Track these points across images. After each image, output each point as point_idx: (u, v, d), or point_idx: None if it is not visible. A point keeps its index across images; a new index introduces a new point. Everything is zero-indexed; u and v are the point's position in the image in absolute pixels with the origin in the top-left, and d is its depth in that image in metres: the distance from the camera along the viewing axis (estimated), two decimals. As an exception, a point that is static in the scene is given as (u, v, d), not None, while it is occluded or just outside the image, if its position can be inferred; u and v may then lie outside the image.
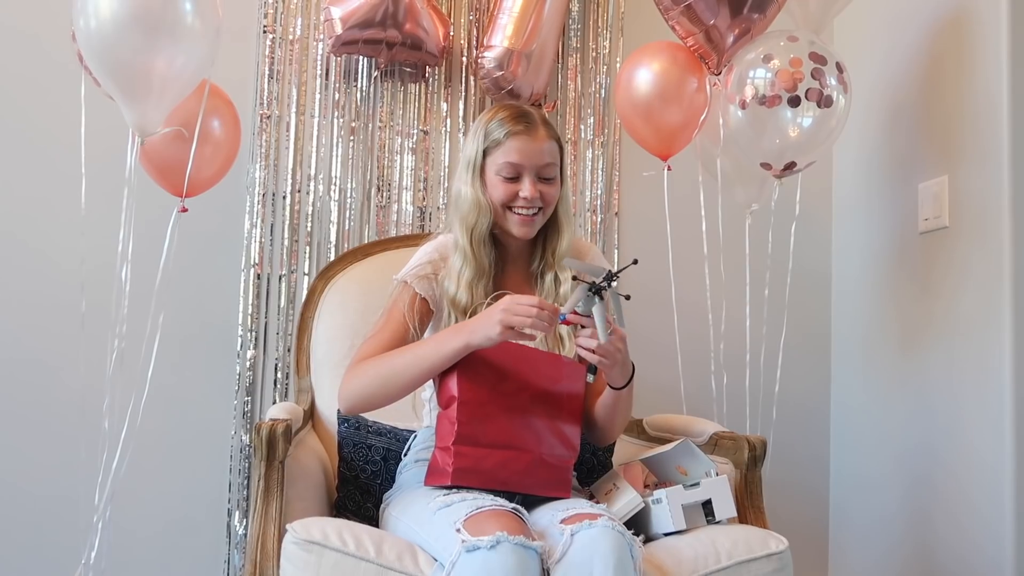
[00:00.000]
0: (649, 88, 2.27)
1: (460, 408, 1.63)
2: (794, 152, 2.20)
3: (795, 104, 2.13)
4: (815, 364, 2.74)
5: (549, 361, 1.73)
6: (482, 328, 1.61)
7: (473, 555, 1.42)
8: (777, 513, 2.02)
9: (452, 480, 1.61)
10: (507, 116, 1.82)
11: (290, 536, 1.55)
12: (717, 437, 1.94)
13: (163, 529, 2.42)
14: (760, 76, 2.16)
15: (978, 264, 2.17)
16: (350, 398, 1.74)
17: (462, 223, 1.82)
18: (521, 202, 1.80)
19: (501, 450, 1.63)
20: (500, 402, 1.65)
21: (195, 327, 2.46)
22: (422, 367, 1.67)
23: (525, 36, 2.46)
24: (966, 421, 2.19)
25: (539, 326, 1.58)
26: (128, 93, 1.94)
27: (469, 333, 1.63)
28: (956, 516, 2.22)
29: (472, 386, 1.64)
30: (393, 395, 1.72)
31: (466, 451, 1.62)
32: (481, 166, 1.82)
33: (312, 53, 2.54)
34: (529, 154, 1.79)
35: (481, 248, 1.81)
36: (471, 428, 1.62)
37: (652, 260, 2.62)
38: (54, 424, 2.37)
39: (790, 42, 2.18)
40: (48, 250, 2.42)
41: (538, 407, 1.67)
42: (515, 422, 1.65)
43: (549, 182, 1.82)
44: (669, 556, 1.60)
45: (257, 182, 2.49)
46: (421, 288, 1.82)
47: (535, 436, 1.66)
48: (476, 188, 1.81)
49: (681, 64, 2.27)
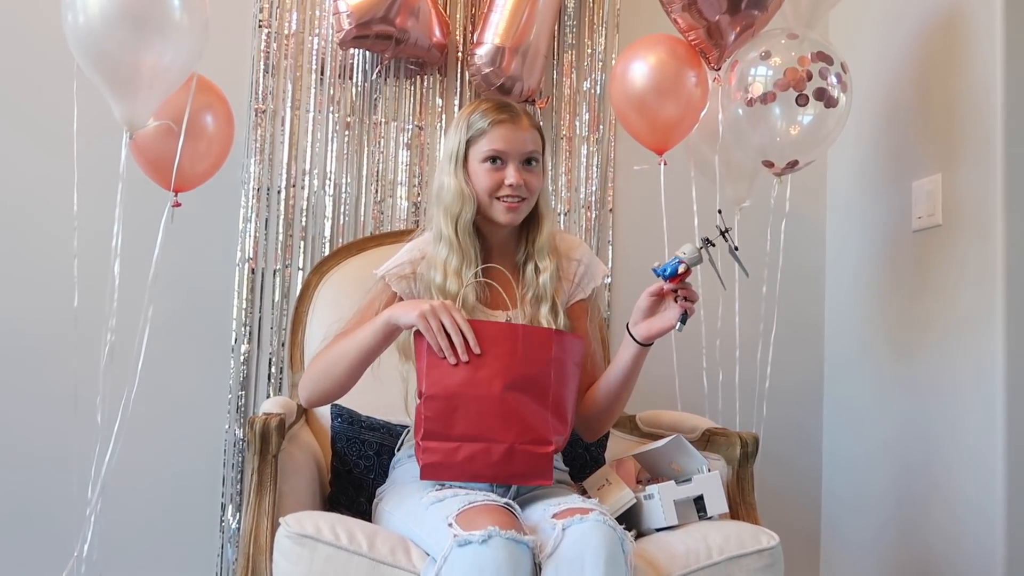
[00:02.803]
0: (645, 81, 2.26)
1: (426, 402, 1.62)
2: (797, 150, 2.21)
3: (803, 103, 2.14)
4: (808, 361, 2.75)
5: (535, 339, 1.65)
6: (407, 308, 1.65)
7: (465, 549, 1.43)
8: (769, 509, 2.03)
9: (422, 476, 1.62)
10: (489, 107, 1.83)
11: (283, 530, 1.55)
12: (709, 433, 1.95)
13: (156, 522, 2.43)
14: (767, 74, 2.16)
15: (971, 262, 2.18)
16: (304, 387, 1.78)
17: (446, 214, 1.81)
18: (507, 190, 1.80)
19: (471, 443, 1.60)
20: (471, 393, 1.61)
21: (190, 321, 2.46)
22: (358, 349, 1.69)
23: (516, 33, 2.47)
24: (958, 418, 2.20)
25: (442, 345, 1.60)
26: (116, 87, 1.94)
27: (394, 309, 1.67)
28: (949, 515, 2.22)
29: (440, 378, 1.62)
30: (340, 381, 1.73)
31: (434, 446, 1.61)
32: (464, 156, 1.82)
33: (308, 48, 2.54)
34: (513, 141, 1.80)
35: (467, 237, 1.81)
36: (437, 424, 1.61)
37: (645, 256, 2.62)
38: (47, 417, 2.37)
39: (791, 40, 2.18)
40: (41, 244, 2.41)
41: (514, 392, 1.61)
42: (486, 413, 1.61)
43: (532, 171, 1.83)
44: (661, 551, 1.61)
45: (252, 176, 2.49)
46: (399, 287, 1.82)
47: (509, 425, 1.60)
48: (460, 178, 1.81)
49: (679, 57, 2.26)
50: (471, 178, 1.82)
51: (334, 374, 1.73)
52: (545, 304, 1.83)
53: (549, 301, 1.83)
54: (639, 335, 1.74)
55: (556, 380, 1.65)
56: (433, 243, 1.84)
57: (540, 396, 1.63)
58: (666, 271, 1.68)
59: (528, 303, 1.83)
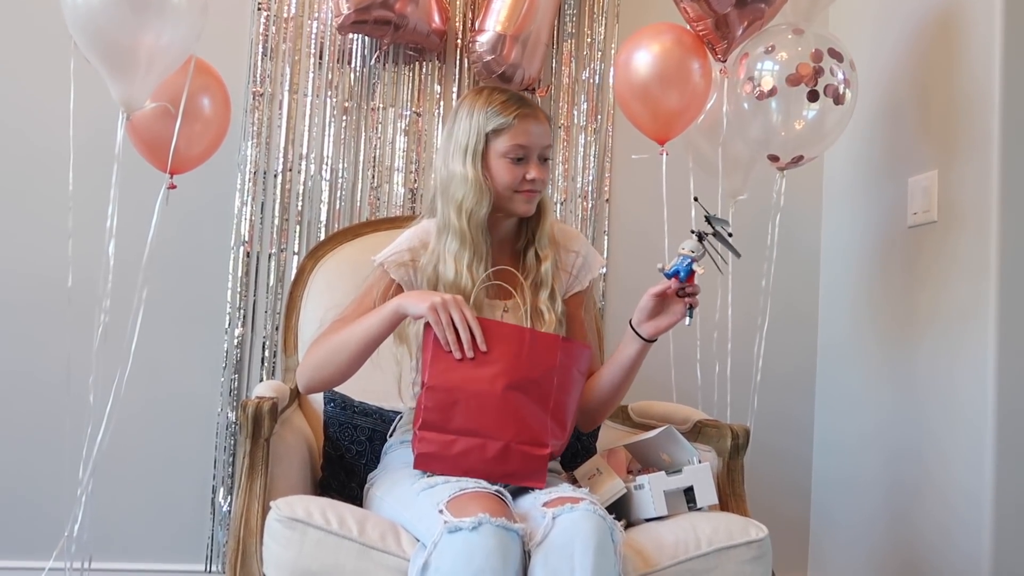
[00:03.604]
0: (649, 69, 2.24)
1: (427, 393, 1.62)
2: (803, 146, 2.21)
3: (813, 99, 2.14)
4: (801, 354, 2.76)
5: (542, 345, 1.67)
6: (418, 299, 1.65)
7: (455, 536, 1.43)
8: (759, 500, 2.04)
9: (415, 465, 1.62)
10: (507, 99, 1.81)
11: (274, 513, 1.55)
12: (701, 424, 1.95)
13: (147, 504, 2.43)
14: (777, 68, 2.16)
15: (965, 258, 2.18)
16: (303, 374, 1.77)
17: (458, 207, 1.78)
18: (527, 184, 1.80)
19: (468, 437, 1.61)
20: (472, 388, 1.62)
21: (183, 304, 2.46)
22: (364, 336, 1.69)
23: (518, 21, 2.46)
24: (949, 413, 2.20)
25: (450, 340, 1.62)
26: (114, 68, 1.94)
27: (404, 298, 1.67)
28: (937, 507, 2.23)
29: (443, 370, 1.63)
30: (343, 368, 1.72)
31: (430, 437, 1.61)
32: (484, 149, 1.81)
33: (306, 32, 2.53)
34: (535, 136, 1.80)
35: (479, 232, 1.79)
36: (436, 415, 1.61)
37: (641, 248, 2.63)
38: (39, 397, 2.38)
39: (797, 35, 2.18)
40: (35, 224, 2.41)
41: (515, 392, 1.63)
42: (486, 409, 1.62)
43: (546, 163, 1.83)
44: (650, 541, 1.61)
45: (248, 160, 2.49)
46: (397, 275, 1.81)
47: (507, 424, 1.62)
48: (478, 171, 1.78)
49: (685, 47, 2.24)
50: (490, 171, 1.80)
51: (336, 361, 1.72)
52: (544, 291, 1.83)
53: (548, 288, 1.83)
54: (647, 333, 1.75)
55: (559, 386, 1.66)
56: (438, 235, 1.82)
57: (541, 400, 1.65)
58: (679, 272, 1.68)
59: (528, 290, 1.82)
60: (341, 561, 1.51)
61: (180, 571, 2.44)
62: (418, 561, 1.46)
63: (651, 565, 1.57)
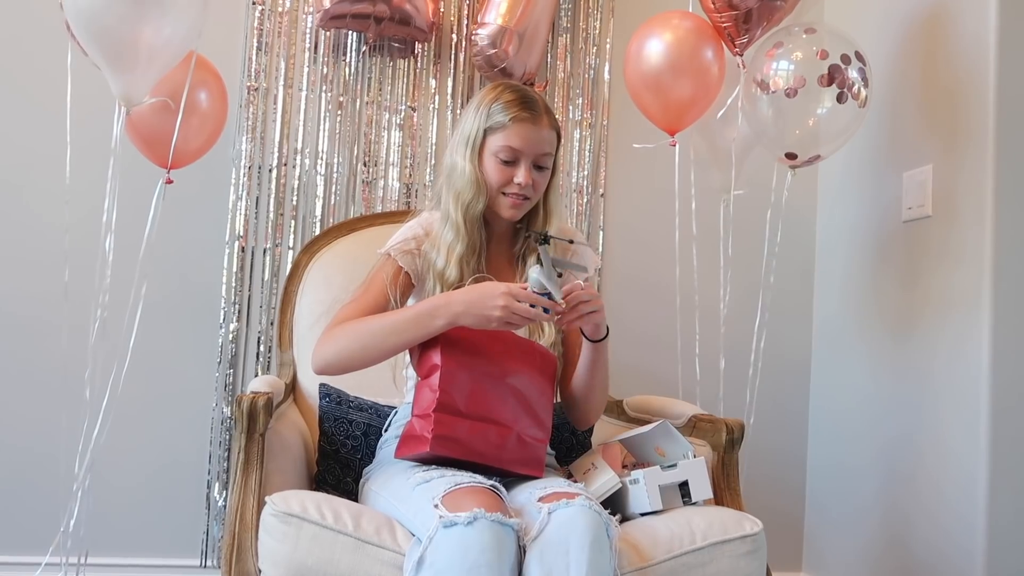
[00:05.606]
0: (661, 58, 2.22)
1: (443, 376, 1.64)
2: (822, 144, 2.21)
3: (842, 100, 2.14)
4: (796, 348, 2.76)
5: (522, 347, 1.75)
6: (479, 317, 1.62)
7: (450, 531, 1.43)
8: (753, 495, 2.04)
9: (431, 447, 1.61)
10: (513, 99, 1.80)
11: (269, 508, 1.55)
12: (696, 419, 1.96)
13: (143, 499, 2.43)
14: (790, 68, 2.15)
15: (960, 253, 2.19)
16: (326, 357, 1.73)
17: (457, 199, 1.80)
18: (514, 187, 1.79)
19: (480, 422, 1.64)
20: (479, 376, 1.66)
21: (179, 299, 2.46)
22: (404, 336, 1.68)
23: (519, 14, 2.45)
24: (944, 406, 2.21)
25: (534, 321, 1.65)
26: (115, 63, 1.93)
27: (458, 313, 1.63)
28: (931, 499, 2.24)
29: (454, 357, 1.65)
30: (371, 359, 1.72)
31: (446, 419, 1.62)
32: (480, 145, 1.81)
33: (301, 26, 2.53)
34: (530, 142, 1.79)
35: (474, 227, 1.81)
36: (452, 396, 1.63)
37: (636, 241, 2.63)
38: (36, 392, 2.37)
39: (810, 35, 2.18)
40: (32, 219, 2.41)
41: (513, 387, 1.69)
42: (493, 396, 1.66)
43: (542, 171, 1.82)
44: (645, 536, 1.62)
45: (243, 154, 2.48)
46: (404, 262, 1.82)
47: (512, 413, 1.67)
48: (474, 165, 1.80)
49: (699, 35, 2.22)
50: (484, 166, 1.81)
51: (370, 350, 1.70)
52: None
53: None
54: (587, 332, 1.78)
55: (538, 388, 1.73)
56: (440, 223, 1.83)
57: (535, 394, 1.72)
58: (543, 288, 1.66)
59: None
60: (336, 556, 1.51)
61: (176, 566, 2.44)
62: (413, 556, 1.46)
63: (646, 559, 1.57)
